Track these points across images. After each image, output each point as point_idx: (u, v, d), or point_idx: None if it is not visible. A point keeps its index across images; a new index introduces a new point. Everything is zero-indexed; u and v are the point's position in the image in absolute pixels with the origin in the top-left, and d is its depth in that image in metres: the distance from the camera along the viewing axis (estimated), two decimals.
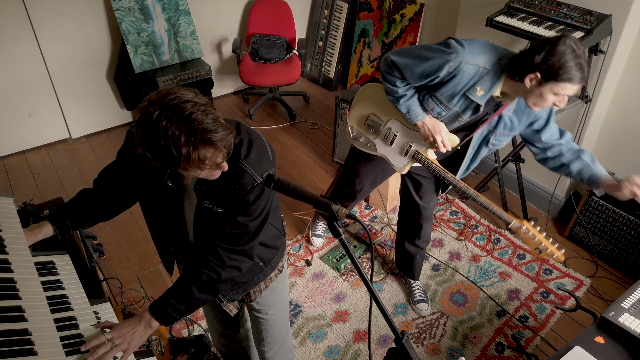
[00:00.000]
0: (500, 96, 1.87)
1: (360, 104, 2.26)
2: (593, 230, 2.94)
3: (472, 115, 1.95)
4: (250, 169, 1.35)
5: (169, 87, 1.19)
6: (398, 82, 1.94)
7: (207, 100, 1.20)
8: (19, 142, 3.82)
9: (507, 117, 1.95)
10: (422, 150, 2.12)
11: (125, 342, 1.32)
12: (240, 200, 1.37)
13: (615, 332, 1.63)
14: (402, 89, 1.95)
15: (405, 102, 1.98)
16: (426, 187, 2.33)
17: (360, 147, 2.30)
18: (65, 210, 1.56)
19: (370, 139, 2.25)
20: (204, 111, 1.15)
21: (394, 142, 2.18)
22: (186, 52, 4.01)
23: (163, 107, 1.14)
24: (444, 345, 2.45)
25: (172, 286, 1.43)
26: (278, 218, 1.66)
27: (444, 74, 1.82)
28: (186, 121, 1.13)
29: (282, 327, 1.87)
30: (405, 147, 2.16)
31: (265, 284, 1.71)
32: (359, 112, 2.27)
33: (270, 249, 1.64)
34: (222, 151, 1.21)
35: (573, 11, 2.58)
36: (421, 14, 3.93)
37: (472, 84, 1.84)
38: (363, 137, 2.27)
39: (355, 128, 2.29)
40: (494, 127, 1.99)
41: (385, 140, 2.21)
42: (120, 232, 3.08)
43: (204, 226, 1.47)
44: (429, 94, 1.94)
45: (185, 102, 1.14)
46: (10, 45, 3.47)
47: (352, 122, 2.30)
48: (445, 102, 1.93)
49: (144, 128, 1.15)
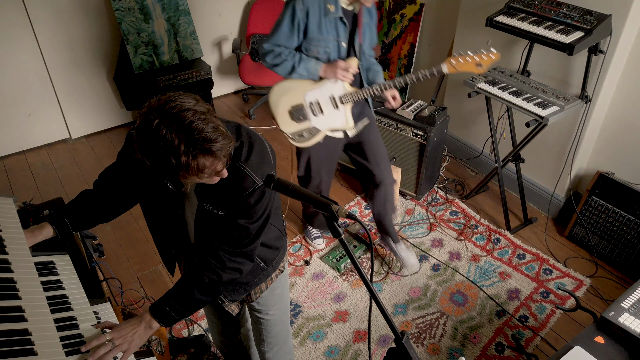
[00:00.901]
0: (349, 4, 2.22)
1: (279, 110, 2.43)
2: (593, 230, 2.94)
3: (344, 33, 2.27)
4: (251, 172, 1.35)
5: (169, 94, 1.18)
6: (283, 55, 2.25)
7: (208, 107, 1.19)
8: (19, 142, 3.82)
9: (365, 22, 2.33)
10: (343, 91, 2.35)
11: (126, 342, 1.32)
12: (241, 203, 1.37)
13: (615, 332, 1.63)
14: (290, 60, 2.25)
15: (300, 66, 2.27)
16: (367, 144, 2.57)
17: (308, 142, 2.45)
18: (66, 212, 1.56)
19: (309, 126, 2.43)
20: (204, 120, 1.15)
21: (323, 108, 2.39)
22: (186, 52, 4.01)
23: (163, 115, 1.13)
24: (444, 345, 2.45)
25: (172, 287, 1.43)
26: (279, 219, 1.66)
27: (300, 14, 2.17)
28: (186, 130, 1.12)
29: (282, 328, 1.87)
30: (332, 102, 2.38)
31: (266, 284, 1.71)
32: (283, 116, 2.43)
33: (271, 250, 1.64)
34: (221, 160, 1.21)
35: (573, 11, 2.58)
36: (421, 14, 3.93)
37: (322, 5, 2.18)
38: (304, 132, 2.44)
39: (293, 133, 2.45)
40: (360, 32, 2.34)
41: (317, 114, 2.41)
42: (120, 232, 3.08)
43: (204, 228, 1.47)
44: (307, 44, 2.26)
45: (186, 111, 1.13)
46: (10, 45, 3.47)
47: (288, 130, 2.45)
48: (321, 37, 2.24)
49: (143, 136, 1.15)
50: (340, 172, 3.66)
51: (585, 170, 3.12)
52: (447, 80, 3.65)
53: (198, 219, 1.47)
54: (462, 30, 3.38)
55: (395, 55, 4.20)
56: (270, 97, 2.44)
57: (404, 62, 4.14)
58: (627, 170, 2.87)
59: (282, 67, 2.28)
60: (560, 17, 2.58)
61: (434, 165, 3.28)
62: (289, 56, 2.26)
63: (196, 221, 1.48)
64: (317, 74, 2.29)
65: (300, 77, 2.30)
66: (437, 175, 3.43)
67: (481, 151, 3.50)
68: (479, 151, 3.51)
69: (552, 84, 2.89)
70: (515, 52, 3.06)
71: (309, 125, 2.41)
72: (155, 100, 1.17)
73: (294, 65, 2.26)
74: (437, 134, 3.08)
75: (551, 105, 2.60)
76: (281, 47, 2.25)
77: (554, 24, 2.58)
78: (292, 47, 2.27)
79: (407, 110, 3.09)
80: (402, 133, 3.14)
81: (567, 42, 2.44)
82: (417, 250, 2.98)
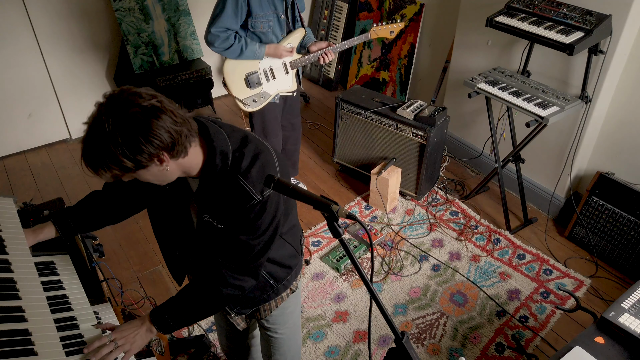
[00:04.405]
0: None
1: (234, 77, 2.70)
2: (593, 230, 2.94)
3: (281, 6, 2.60)
4: (249, 186, 1.27)
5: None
6: (230, 40, 2.52)
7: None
8: (19, 143, 3.82)
9: None
10: (292, 57, 2.77)
11: (128, 343, 1.32)
12: (240, 218, 1.31)
13: (615, 332, 1.63)
14: (237, 44, 2.55)
15: (247, 49, 2.58)
16: (291, 106, 3.05)
17: (260, 105, 2.79)
18: (72, 212, 1.55)
19: (260, 91, 2.76)
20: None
21: (275, 74, 2.77)
22: (186, 53, 4.01)
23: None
24: (444, 346, 2.45)
25: (175, 296, 1.41)
26: (296, 236, 1.60)
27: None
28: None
29: (291, 346, 1.82)
30: (284, 68, 2.79)
31: (276, 303, 1.64)
32: (238, 83, 2.72)
33: (283, 268, 1.57)
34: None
35: (573, 11, 2.58)
36: (421, 14, 3.93)
37: None
38: (255, 97, 2.75)
39: (246, 98, 2.74)
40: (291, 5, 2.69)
41: (270, 79, 2.76)
42: (120, 232, 3.08)
43: (205, 239, 1.43)
44: (253, 21, 2.55)
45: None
46: (10, 46, 3.47)
47: (241, 96, 2.73)
48: (263, 14, 2.55)
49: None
50: (340, 172, 3.66)
51: (585, 171, 3.13)
52: (447, 80, 3.65)
53: (199, 229, 1.42)
54: (462, 30, 3.38)
55: (396, 55, 4.20)
56: (226, 66, 2.68)
57: (404, 62, 4.14)
58: (627, 171, 2.87)
59: (231, 51, 2.56)
60: (560, 18, 2.58)
61: (434, 166, 3.28)
62: (236, 40, 2.55)
63: (197, 232, 1.43)
64: (262, 55, 2.66)
65: (247, 58, 2.63)
66: (437, 175, 3.43)
67: (481, 151, 3.50)
68: (479, 151, 3.51)
69: (552, 84, 2.89)
70: (515, 53, 3.06)
71: (260, 90, 2.75)
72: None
73: (242, 48, 2.56)
74: (437, 134, 3.08)
75: (551, 106, 2.60)
76: (228, 30, 2.51)
77: (554, 24, 2.58)
78: (237, 29, 2.56)
79: (407, 110, 3.09)
80: (402, 133, 3.14)
81: (567, 43, 2.44)
82: (417, 251, 2.98)
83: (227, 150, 1.29)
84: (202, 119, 1.34)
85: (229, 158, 1.29)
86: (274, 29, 2.65)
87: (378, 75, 4.39)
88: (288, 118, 3.10)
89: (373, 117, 3.22)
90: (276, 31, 2.68)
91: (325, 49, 2.76)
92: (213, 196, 1.32)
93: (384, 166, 3.19)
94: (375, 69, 4.40)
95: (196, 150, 1.27)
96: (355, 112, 3.30)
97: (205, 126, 1.31)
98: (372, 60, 4.41)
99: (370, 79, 4.47)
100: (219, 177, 1.30)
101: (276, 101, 2.86)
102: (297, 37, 2.77)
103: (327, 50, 2.76)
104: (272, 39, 2.70)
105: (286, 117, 3.09)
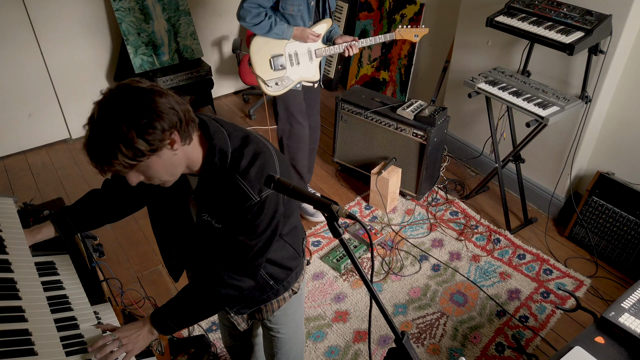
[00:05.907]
0: None
1: (259, 55, 2.71)
2: (593, 230, 2.94)
3: None
4: (247, 186, 1.26)
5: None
6: (261, 16, 2.56)
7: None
8: (19, 143, 3.82)
9: None
10: (318, 46, 2.79)
11: (131, 343, 1.32)
12: (238, 218, 1.30)
13: (616, 332, 1.63)
14: (266, 21, 2.58)
15: (276, 28, 2.61)
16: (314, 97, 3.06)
17: (282, 90, 2.78)
18: (72, 211, 1.55)
19: (282, 75, 2.75)
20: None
21: (300, 60, 2.77)
22: (186, 53, 4.02)
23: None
24: (444, 345, 2.45)
25: (174, 297, 1.40)
26: (298, 238, 1.58)
27: None
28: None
29: (294, 346, 1.82)
30: (309, 54, 2.79)
31: (278, 304, 1.63)
32: (262, 62, 2.72)
33: (283, 269, 1.56)
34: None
35: (573, 11, 2.58)
36: (421, 14, 3.93)
37: None
38: (277, 80, 2.75)
39: (268, 79, 2.74)
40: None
41: (294, 64, 2.77)
42: (120, 232, 3.08)
43: (204, 238, 1.42)
44: (282, 3, 2.59)
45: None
46: (10, 46, 3.47)
47: (264, 76, 2.73)
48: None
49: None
50: (340, 172, 3.66)
51: (585, 170, 3.13)
52: (447, 80, 3.65)
53: (197, 228, 1.41)
54: (462, 30, 3.38)
55: (396, 55, 4.20)
56: (253, 44, 2.70)
57: (404, 62, 4.14)
58: (627, 170, 2.87)
59: (261, 27, 2.60)
60: (560, 17, 2.58)
61: (434, 166, 3.28)
62: (266, 18, 2.59)
63: (196, 230, 1.43)
64: (289, 35, 2.68)
65: (274, 36, 2.65)
66: (437, 175, 3.43)
67: (481, 151, 3.50)
68: (479, 151, 3.51)
69: (552, 84, 2.89)
70: (515, 52, 3.06)
71: (283, 75, 2.75)
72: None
73: (271, 25, 2.60)
74: (437, 134, 3.09)
75: (551, 106, 2.60)
76: (260, 7, 2.56)
77: (554, 24, 2.58)
78: (268, 7, 2.60)
79: (407, 110, 3.09)
80: (402, 133, 3.14)
81: (567, 42, 2.44)
82: (417, 251, 2.98)
83: (227, 149, 1.28)
84: (203, 116, 1.34)
85: (228, 157, 1.28)
86: (303, 14, 2.69)
87: (378, 75, 4.39)
88: (308, 114, 3.05)
89: (373, 117, 3.22)
90: (304, 16, 2.71)
91: (351, 42, 2.79)
92: (211, 195, 1.32)
93: (384, 166, 3.19)
94: (376, 68, 4.40)
95: (197, 144, 1.28)
96: (355, 112, 3.31)
97: (206, 123, 1.30)
98: (372, 60, 4.41)
99: (371, 79, 4.47)
100: (217, 176, 1.29)
101: (298, 88, 2.85)
102: (324, 26, 2.79)
103: (352, 43, 2.78)
104: (300, 24, 2.72)
105: (306, 113, 3.05)
